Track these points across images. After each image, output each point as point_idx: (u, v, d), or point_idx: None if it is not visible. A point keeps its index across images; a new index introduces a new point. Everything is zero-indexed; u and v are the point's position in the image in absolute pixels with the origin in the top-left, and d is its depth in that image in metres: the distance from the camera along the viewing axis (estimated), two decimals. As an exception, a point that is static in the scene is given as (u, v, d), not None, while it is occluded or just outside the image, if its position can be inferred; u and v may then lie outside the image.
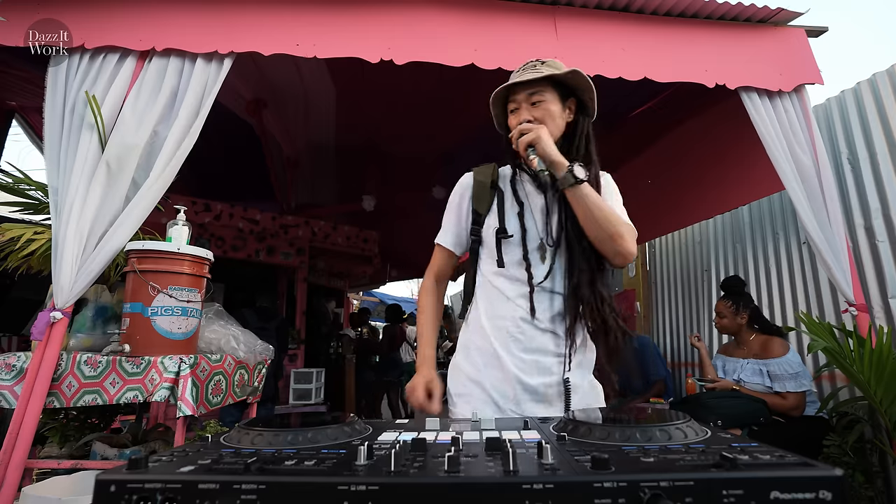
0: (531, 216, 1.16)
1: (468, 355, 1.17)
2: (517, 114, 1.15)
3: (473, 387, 1.13)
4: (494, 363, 1.12)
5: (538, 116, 1.13)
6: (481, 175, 1.22)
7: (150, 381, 1.63)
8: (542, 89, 1.14)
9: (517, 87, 1.15)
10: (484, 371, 1.13)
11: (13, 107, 3.22)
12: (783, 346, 2.45)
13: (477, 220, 1.20)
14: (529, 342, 1.10)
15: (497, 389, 1.11)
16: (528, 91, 1.14)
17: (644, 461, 0.46)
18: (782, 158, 2.25)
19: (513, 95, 1.17)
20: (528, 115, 1.13)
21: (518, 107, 1.16)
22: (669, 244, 4.52)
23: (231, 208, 4.40)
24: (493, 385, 1.11)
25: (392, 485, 0.40)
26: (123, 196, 1.86)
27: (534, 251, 1.14)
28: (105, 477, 0.42)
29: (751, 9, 2.34)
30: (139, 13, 2.01)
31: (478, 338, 1.16)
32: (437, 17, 2.16)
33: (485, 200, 1.19)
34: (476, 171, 1.24)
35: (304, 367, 4.53)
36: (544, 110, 1.13)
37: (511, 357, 1.10)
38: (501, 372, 1.11)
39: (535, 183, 1.19)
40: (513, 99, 1.17)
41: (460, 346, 1.22)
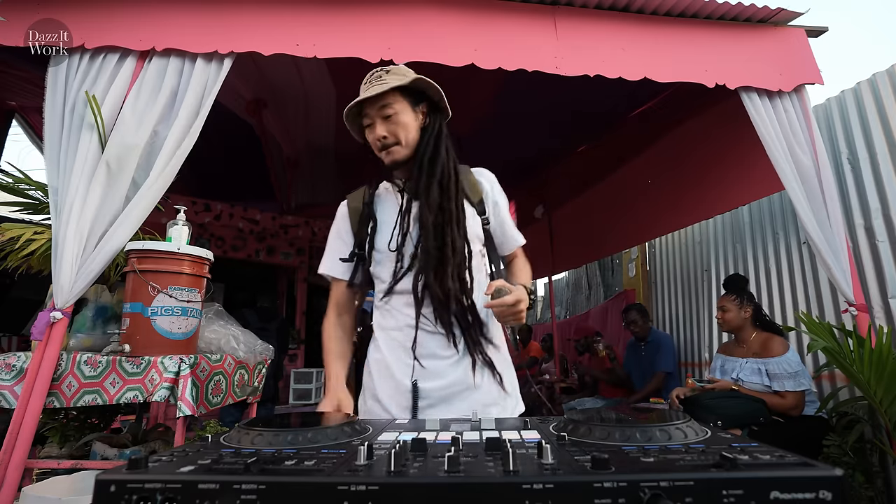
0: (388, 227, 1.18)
1: (368, 370, 1.20)
2: (372, 129, 1.15)
3: (373, 403, 1.15)
4: (385, 373, 1.14)
5: (392, 131, 1.13)
6: (354, 202, 1.26)
7: (150, 381, 1.63)
8: (392, 101, 1.13)
9: (366, 102, 1.13)
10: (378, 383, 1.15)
11: (13, 107, 3.22)
12: (783, 345, 2.44)
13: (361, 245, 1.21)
14: (419, 348, 1.10)
15: (393, 400, 1.11)
16: (377, 105, 1.13)
17: (644, 461, 0.46)
18: (782, 158, 2.25)
19: (365, 110, 1.15)
20: (383, 129, 1.13)
21: (372, 122, 1.15)
22: (669, 244, 4.52)
23: (231, 208, 4.40)
24: (389, 395, 1.12)
25: (392, 485, 0.40)
26: (123, 196, 1.86)
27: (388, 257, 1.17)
28: (105, 477, 0.42)
29: (751, 9, 2.34)
30: (139, 13, 2.01)
31: (373, 351, 1.20)
32: (436, 17, 2.16)
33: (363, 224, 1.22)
34: (349, 201, 1.28)
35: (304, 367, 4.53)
36: (396, 123, 1.13)
37: (400, 364, 1.12)
38: (393, 381, 1.12)
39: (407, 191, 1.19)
40: (365, 114, 1.16)
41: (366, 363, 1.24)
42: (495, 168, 1.32)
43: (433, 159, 1.14)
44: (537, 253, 5.85)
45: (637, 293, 4.97)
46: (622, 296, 5.22)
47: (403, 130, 1.13)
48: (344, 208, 1.28)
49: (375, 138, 1.14)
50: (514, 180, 5.29)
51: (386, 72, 1.15)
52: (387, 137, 1.13)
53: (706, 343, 3.79)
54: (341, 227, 1.26)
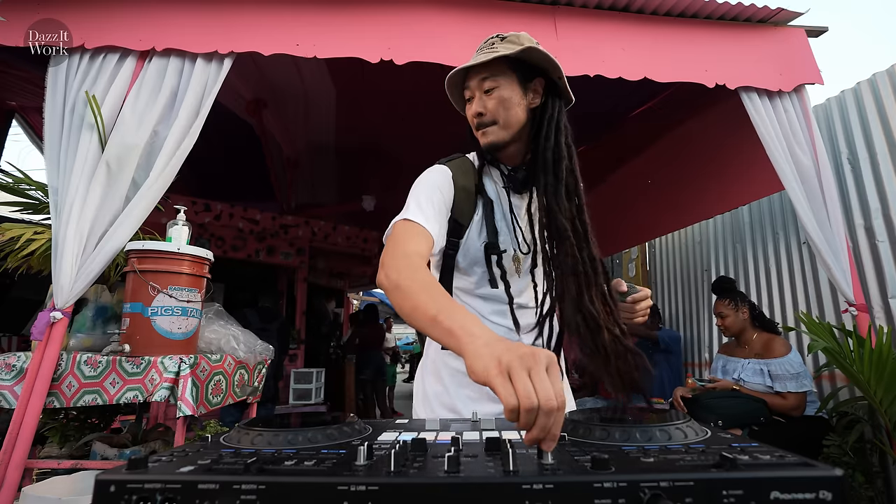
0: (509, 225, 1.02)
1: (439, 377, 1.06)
2: (471, 104, 1.00)
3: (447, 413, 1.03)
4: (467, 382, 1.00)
5: (490, 107, 0.97)
6: (463, 178, 1.01)
7: (150, 381, 1.63)
8: (496, 73, 0.96)
9: (470, 71, 0.99)
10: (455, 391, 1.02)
11: (13, 107, 3.22)
12: (785, 345, 2.44)
13: (457, 231, 1.00)
14: None
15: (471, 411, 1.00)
16: (480, 76, 0.97)
17: (644, 461, 0.46)
18: (782, 158, 2.25)
19: (467, 81, 1.00)
20: (480, 105, 0.97)
21: (472, 94, 0.99)
22: (669, 244, 4.52)
23: (231, 208, 4.41)
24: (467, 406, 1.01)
25: (392, 485, 0.40)
26: (123, 196, 1.86)
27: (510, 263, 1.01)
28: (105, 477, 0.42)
29: (751, 9, 2.34)
30: (139, 13, 2.02)
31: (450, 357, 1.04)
32: (436, 17, 2.16)
33: (468, 210, 1.01)
34: (455, 173, 1.01)
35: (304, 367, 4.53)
36: (497, 98, 0.96)
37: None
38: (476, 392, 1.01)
39: (510, 184, 1.03)
40: (467, 85, 1.00)
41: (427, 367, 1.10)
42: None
43: (557, 154, 0.97)
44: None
45: (637, 293, 4.96)
46: (622, 296, 5.21)
47: (503, 108, 0.96)
48: (447, 177, 1.00)
49: (472, 114, 0.99)
50: (514, 180, 5.28)
51: (500, 39, 0.98)
52: (483, 114, 0.97)
53: (706, 343, 3.79)
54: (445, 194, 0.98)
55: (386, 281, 0.80)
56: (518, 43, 0.96)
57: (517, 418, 0.48)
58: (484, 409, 0.99)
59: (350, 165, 4.68)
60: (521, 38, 0.97)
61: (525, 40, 0.97)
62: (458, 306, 0.69)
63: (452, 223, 0.99)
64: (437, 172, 1.01)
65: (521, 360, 0.51)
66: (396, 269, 0.79)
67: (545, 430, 0.47)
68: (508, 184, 1.02)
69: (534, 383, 0.49)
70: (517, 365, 0.51)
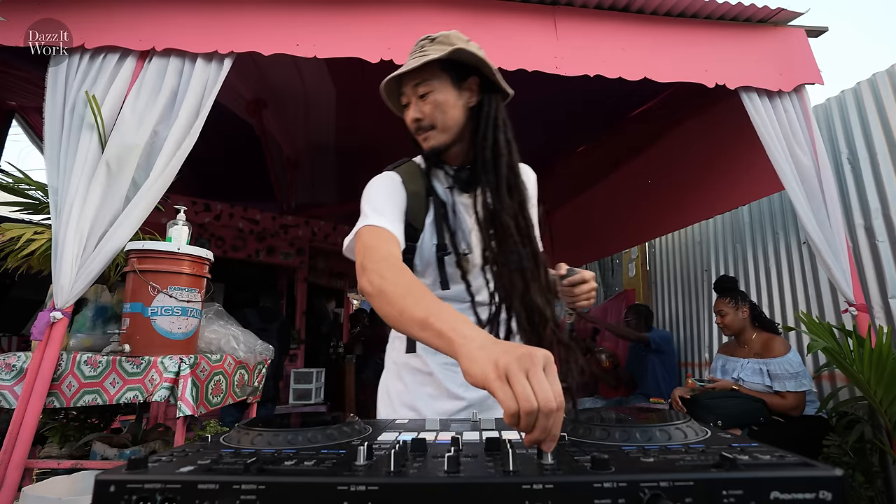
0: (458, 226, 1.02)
1: (399, 377, 1.06)
2: (408, 109, 0.99)
3: (407, 411, 1.03)
4: (427, 381, 1.02)
5: (427, 112, 0.96)
6: (412, 183, 1.01)
7: (150, 381, 1.63)
8: (428, 77, 0.95)
9: (404, 77, 0.97)
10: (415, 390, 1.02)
11: (13, 107, 3.22)
12: (784, 345, 2.45)
13: (412, 235, 1.00)
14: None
15: (431, 409, 1.01)
16: (414, 82, 0.96)
17: (644, 461, 0.46)
18: (782, 158, 2.25)
19: (402, 87, 0.99)
20: (416, 111, 0.97)
21: (408, 100, 0.99)
22: (669, 244, 4.52)
23: (231, 208, 4.40)
24: (428, 405, 1.01)
25: (392, 485, 0.40)
26: (123, 196, 1.86)
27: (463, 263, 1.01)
28: (105, 477, 0.42)
29: (751, 9, 2.34)
30: (139, 13, 2.02)
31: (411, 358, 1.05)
32: (436, 17, 2.16)
33: (421, 214, 1.01)
34: (404, 178, 1.02)
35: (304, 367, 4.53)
36: (433, 102, 0.96)
37: (447, 373, 1.01)
38: (436, 389, 1.01)
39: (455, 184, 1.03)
40: (402, 91, 1.00)
41: (389, 368, 1.10)
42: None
43: (495, 151, 0.96)
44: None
45: (637, 293, 4.97)
46: (622, 296, 5.22)
47: (440, 111, 0.96)
48: (398, 183, 1.00)
49: (410, 120, 0.99)
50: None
51: (431, 41, 0.98)
52: (421, 120, 0.97)
53: (706, 343, 3.79)
54: (399, 198, 0.99)
55: (369, 286, 0.79)
56: (448, 43, 0.95)
57: (517, 422, 0.48)
58: (444, 406, 1.01)
59: (350, 165, 4.67)
60: (451, 38, 0.97)
61: (455, 40, 0.97)
62: (447, 307, 0.68)
63: (407, 227, 0.99)
64: (387, 179, 1.01)
65: (519, 362, 0.50)
66: (379, 273, 0.78)
67: (546, 431, 0.47)
68: (454, 184, 1.03)
69: (532, 385, 0.49)
70: (515, 368, 0.50)
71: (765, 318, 2.65)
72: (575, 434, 0.59)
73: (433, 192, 1.03)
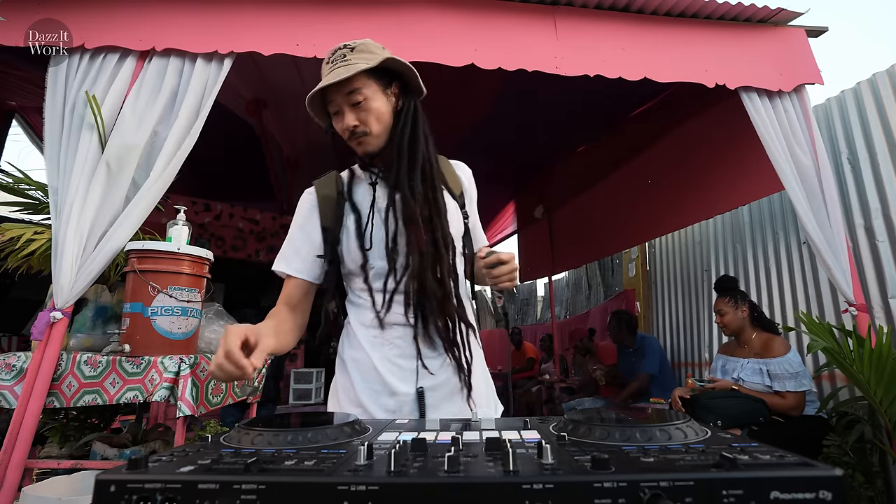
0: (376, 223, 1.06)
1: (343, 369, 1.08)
2: (340, 117, 1.02)
3: (353, 408, 1.04)
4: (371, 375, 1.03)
5: (362, 119, 1.01)
6: (326, 188, 1.10)
7: (150, 381, 1.63)
8: (360, 86, 0.99)
9: (331, 87, 1.00)
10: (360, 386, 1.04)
11: (13, 107, 3.22)
12: (784, 345, 2.45)
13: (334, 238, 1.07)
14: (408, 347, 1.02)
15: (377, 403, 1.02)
16: (344, 91, 1.00)
17: (644, 461, 0.46)
18: (782, 158, 2.25)
19: (330, 96, 1.02)
20: (352, 118, 1.00)
21: (339, 108, 1.02)
22: (669, 244, 4.52)
23: (231, 208, 4.41)
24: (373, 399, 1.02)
25: (392, 485, 0.40)
26: (123, 196, 1.86)
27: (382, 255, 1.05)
28: (105, 477, 0.42)
29: (751, 9, 2.34)
30: (139, 13, 2.02)
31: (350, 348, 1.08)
32: (436, 17, 2.16)
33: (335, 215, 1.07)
34: (317, 188, 1.12)
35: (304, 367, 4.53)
36: (367, 109, 1.00)
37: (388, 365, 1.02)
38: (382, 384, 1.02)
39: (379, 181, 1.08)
40: (331, 100, 1.02)
41: (337, 362, 1.11)
42: (495, 168, 1.30)
43: (413, 145, 1.03)
44: (537, 253, 5.86)
45: (637, 293, 4.97)
46: (622, 296, 5.22)
47: (375, 118, 1.01)
48: (311, 197, 1.11)
49: (344, 128, 1.02)
50: (514, 180, 5.30)
51: (350, 49, 1.01)
52: (357, 126, 1.01)
53: (706, 343, 3.79)
54: (307, 217, 1.10)
55: None
56: (368, 52, 1.02)
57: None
58: (387, 402, 1.01)
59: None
60: (370, 47, 1.03)
61: (374, 48, 1.03)
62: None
63: (329, 233, 1.07)
64: (300, 204, 1.13)
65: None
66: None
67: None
68: (377, 180, 1.08)
69: None
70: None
71: (765, 318, 2.65)
72: (575, 434, 0.59)
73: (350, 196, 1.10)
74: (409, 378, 1.02)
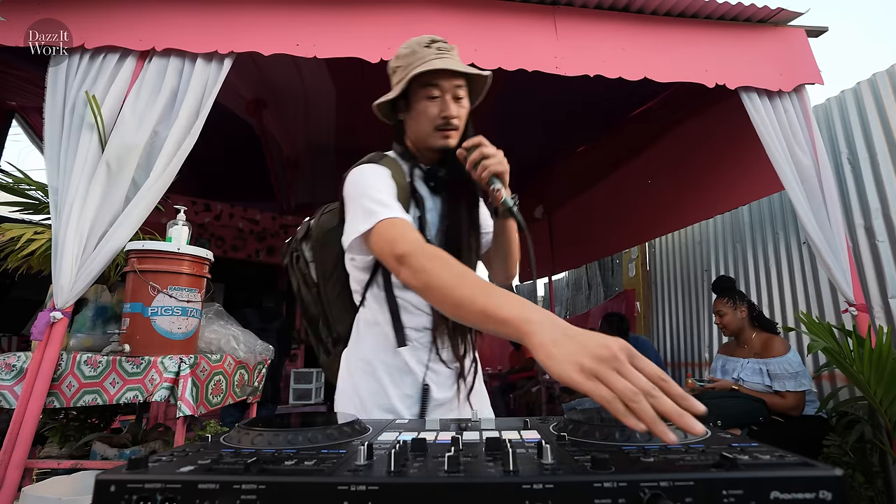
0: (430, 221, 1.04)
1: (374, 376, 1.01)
2: (441, 103, 0.99)
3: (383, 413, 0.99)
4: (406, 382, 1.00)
5: (461, 115, 1.01)
6: (397, 175, 1.01)
7: (150, 381, 1.63)
8: (464, 84, 1.01)
9: (443, 71, 0.98)
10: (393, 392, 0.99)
11: (13, 107, 3.22)
12: (784, 345, 2.45)
13: None
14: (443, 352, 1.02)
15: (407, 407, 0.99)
16: (454, 81, 0.99)
17: (644, 461, 0.46)
18: (782, 159, 2.25)
19: (437, 80, 0.98)
20: (455, 110, 0.99)
21: (442, 94, 0.99)
22: (669, 244, 4.52)
23: (231, 208, 4.41)
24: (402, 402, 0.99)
25: (392, 485, 0.40)
26: (123, 196, 1.86)
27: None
28: (105, 477, 0.42)
29: (751, 9, 2.34)
30: (139, 13, 2.02)
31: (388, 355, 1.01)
32: (436, 17, 2.16)
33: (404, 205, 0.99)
34: (392, 171, 1.02)
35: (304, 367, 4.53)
36: (465, 108, 1.02)
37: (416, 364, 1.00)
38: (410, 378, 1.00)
39: (430, 184, 1.05)
40: (436, 83, 0.98)
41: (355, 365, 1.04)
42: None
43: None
44: (537, 253, 5.86)
45: (637, 293, 4.97)
46: (622, 296, 5.22)
47: (464, 118, 1.02)
48: (384, 172, 1.00)
49: (443, 114, 0.98)
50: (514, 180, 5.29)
51: (448, 47, 1.02)
52: (455, 118, 0.99)
53: (706, 343, 3.79)
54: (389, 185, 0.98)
55: (413, 281, 0.79)
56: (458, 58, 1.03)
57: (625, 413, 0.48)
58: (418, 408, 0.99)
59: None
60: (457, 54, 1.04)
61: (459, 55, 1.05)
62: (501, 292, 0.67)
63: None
64: (375, 170, 1.00)
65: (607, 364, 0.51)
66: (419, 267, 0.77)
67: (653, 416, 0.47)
68: (428, 182, 1.06)
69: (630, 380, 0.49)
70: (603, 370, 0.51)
71: (764, 318, 2.65)
72: (575, 434, 0.59)
73: (415, 189, 1.04)
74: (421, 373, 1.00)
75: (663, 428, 0.46)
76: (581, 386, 0.51)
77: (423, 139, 1.02)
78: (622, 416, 0.48)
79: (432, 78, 0.98)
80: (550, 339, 0.57)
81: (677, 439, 0.43)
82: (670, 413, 0.47)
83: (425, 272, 0.76)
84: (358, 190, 0.95)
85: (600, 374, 0.50)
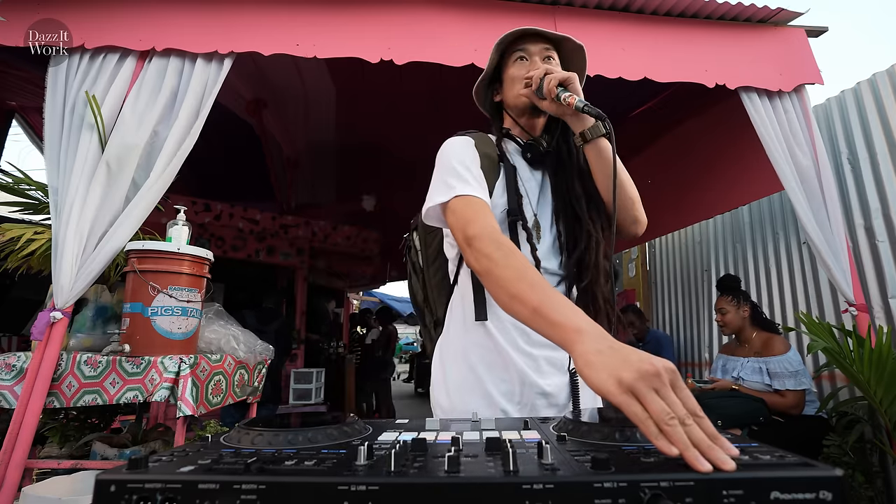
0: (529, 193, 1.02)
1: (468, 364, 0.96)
2: (529, 63, 1.00)
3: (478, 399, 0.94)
4: (498, 362, 0.94)
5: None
6: (484, 146, 1.00)
7: (150, 381, 1.63)
8: (553, 50, 1.01)
9: (530, 37, 1.00)
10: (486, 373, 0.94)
11: (13, 107, 3.22)
12: (784, 344, 2.45)
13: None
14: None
15: (503, 393, 0.93)
16: (544, 46, 1.01)
17: (644, 461, 0.46)
18: (782, 159, 2.25)
19: (524, 45, 1.01)
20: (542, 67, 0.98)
21: (530, 57, 1.00)
22: (669, 244, 4.52)
23: (231, 208, 4.40)
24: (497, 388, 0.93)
25: (392, 485, 0.40)
26: (123, 196, 1.86)
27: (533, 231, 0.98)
28: (105, 477, 0.42)
29: (751, 9, 2.34)
30: (139, 13, 2.02)
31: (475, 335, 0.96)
32: (436, 17, 2.16)
33: (492, 177, 0.97)
34: (476, 142, 1.01)
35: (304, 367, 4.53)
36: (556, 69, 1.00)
37: (518, 353, 0.93)
38: (507, 372, 0.93)
39: (527, 155, 1.03)
40: (524, 48, 1.01)
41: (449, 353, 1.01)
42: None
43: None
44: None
45: (637, 293, 4.97)
46: (622, 296, 5.22)
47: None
48: (471, 146, 0.99)
49: (533, 72, 0.96)
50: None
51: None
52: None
53: (706, 343, 3.79)
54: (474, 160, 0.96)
55: (477, 265, 0.80)
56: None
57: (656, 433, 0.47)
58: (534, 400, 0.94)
59: (350, 165, 4.67)
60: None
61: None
62: (558, 295, 0.67)
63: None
64: (461, 142, 1.01)
65: (645, 381, 0.50)
66: (485, 253, 0.78)
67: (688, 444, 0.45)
68: (525, 155, 1.04)
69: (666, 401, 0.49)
70: (642, 387, 0.50)
71: (765, 319, 2.65)
72: (575, 434, 0.59)
73: (504, 158, 1.02)
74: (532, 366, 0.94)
75: (696, 454, 0.44)
76: (614, 398, 0.50)
77: (516, 103, 1.02)
78: (653, 437, 0.47)
79: (520, 44, 1.01)
80: (594, 349, 0.56)
81: (710, 468, 0.42)
82: (700, 443, 0.45)
83: (489, 259, 0.77)
84: (442, 161, 0.97)
85: (638, 391, 0.49)
